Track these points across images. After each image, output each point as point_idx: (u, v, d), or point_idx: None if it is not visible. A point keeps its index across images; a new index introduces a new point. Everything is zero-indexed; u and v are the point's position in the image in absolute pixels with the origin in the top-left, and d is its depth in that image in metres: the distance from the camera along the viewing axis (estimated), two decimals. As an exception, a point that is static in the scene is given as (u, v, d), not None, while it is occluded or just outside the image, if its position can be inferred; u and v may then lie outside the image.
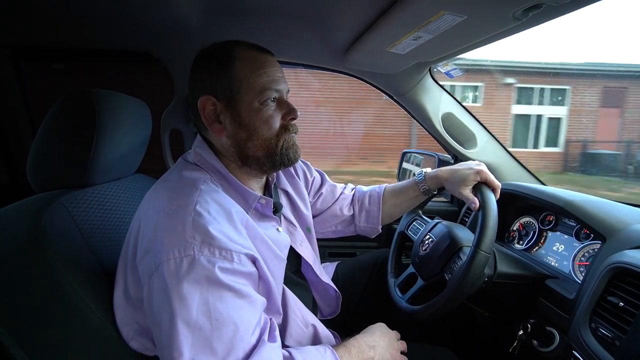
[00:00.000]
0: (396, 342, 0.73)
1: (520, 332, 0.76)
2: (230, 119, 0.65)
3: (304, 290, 0.81)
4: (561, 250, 0.90)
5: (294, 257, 0.79)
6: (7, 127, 1.23)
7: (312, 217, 0.93)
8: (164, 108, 1.20)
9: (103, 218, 0.70)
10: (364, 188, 1.03)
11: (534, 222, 1.01)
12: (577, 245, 0.87)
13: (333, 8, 0.89)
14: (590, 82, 6.56)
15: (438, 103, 1.25)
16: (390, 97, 1.29)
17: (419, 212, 1.02)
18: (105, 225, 0.69)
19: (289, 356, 0.55)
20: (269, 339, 0.54)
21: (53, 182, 0.68)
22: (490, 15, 0.68)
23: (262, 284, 0.60)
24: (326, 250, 1.37)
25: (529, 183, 1.08)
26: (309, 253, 0.82)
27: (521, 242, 1.02)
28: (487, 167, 0.85)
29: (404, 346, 0.74)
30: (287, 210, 0.83)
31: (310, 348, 0.61)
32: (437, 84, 1.24)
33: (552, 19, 0.72)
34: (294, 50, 1.16)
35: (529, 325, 0.75)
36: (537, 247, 0.97)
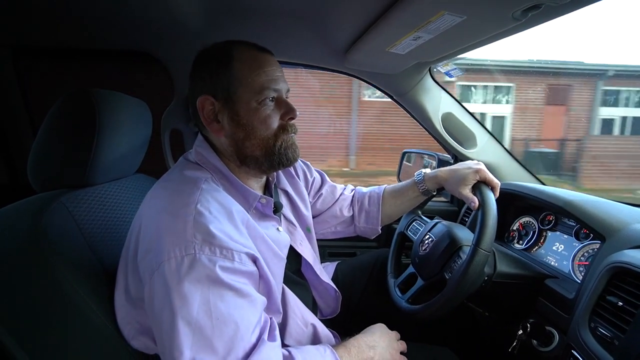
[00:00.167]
0: (396, 342, 0.73)
1: (520, 331, 0.76)
2: (228, 119, 0.65)
3: (304, 290, 0.81)
4: (561, 250, 0.91)
5: (294, 256, 0.79)
6: (7, 127, 1.23)
7: (312, 217, 0.93)
8: (164, 108, 1.20)
9: (104, 218, 0.70)
10: (364, 189, 1.03)
11: (533, 222, 1.01)
12: (577, 245, 0.87)
13: (333, 8, 0.89)
14: (535, 80, 6.48)
15: (438, 103, 1.25)
16: (391, 97, 1.29)
17: (419, 212, 1.02)
18: (106, 225, 0.69)
19: (289, 355, 0.56)
20: (269, 338, 0.54)
21: (54, 182, 0.68)
22: (490, 16, 0.68)
23: (263, 283, 0.61)
24: (326, 250, 1.37)
25: (529, 183, 1.08)
26: (309, 252, 0.82)
27: (521, 242, 1.02)
28: (487, 167, 0.86)
29: (404, 346, 0.74)
30: (287, 210, 0.84)
31: (310, 347, 0.61)
32: (437, 84, 1.25)
33: (552, 20, 0.73)
34: (294, 50, 1.16)
35: (528, 325, 0.75)
36: (536, 247, 0.97)
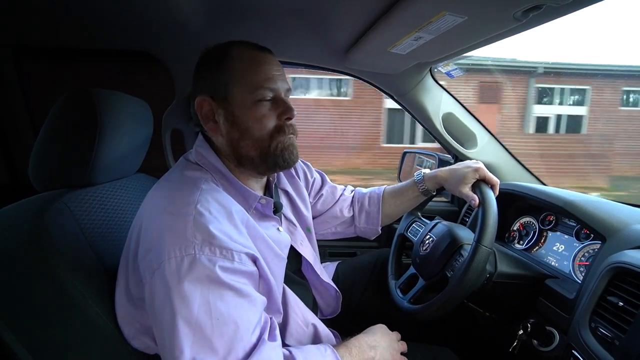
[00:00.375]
0: (397, 342, 0.73)
1: (520, 331, 0.76)
2: (224, 118, 0.65)
3: (304, 290, 0.81)
4: (561, 250, 0.91)
5: (294, 256, 0.79)
6: (8, 127, 1.23)
7: (312, 218, 0.93)
8: (165, 108, 1.20)
9: (105, 217, 0.70)
10: (364, 190, 1.03)
11: (534, 222, 1.01)
12: (577, 245, 0.87)
13: (334, 8, 0.89)
14: (467, 77, 6.43)
15: (439, 103, 1.25)
16: (391, 97, 1.29)
17: (418, 213, 1.02)
18: (107, 224, 0.69)
19: (290, 355, 0.56)
20: (270, 338, 0.54)
21: (55, 181, 0.68)
22: (491, 16, 0.68)
23: (263, 283, 0.60)
24: (326, 250, 1.37)
25: (529, 183, 1.08)
26: (309, 252, 0.82)
27: (521, 242, 1.02)
28: (488, 167, 0.86)
29: (405, 347, 0.74)
30: (287, 210, 0.84)
31: (310, 347, 0.61)
32: (438, 84, 1.25)
33: (553, 20, 0.73)
34: (294, 50, 1.16)
35: (529, 325, 0.75)
36: (537, 247, 0.97)
